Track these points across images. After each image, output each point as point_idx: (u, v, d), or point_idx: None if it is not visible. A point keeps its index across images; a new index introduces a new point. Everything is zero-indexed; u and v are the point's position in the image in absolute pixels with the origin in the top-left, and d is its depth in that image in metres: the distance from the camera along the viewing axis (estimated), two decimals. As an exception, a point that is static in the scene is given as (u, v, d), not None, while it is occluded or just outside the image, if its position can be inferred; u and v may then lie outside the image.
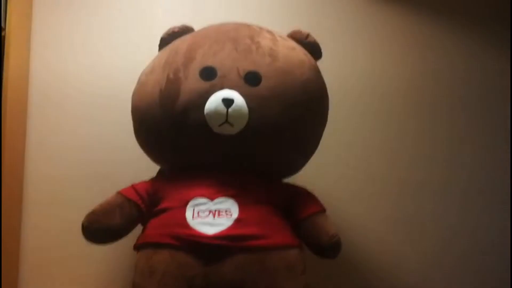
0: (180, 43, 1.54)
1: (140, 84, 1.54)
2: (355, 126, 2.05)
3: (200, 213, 1.35)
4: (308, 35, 1.62)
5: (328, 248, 1.40)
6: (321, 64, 1.62)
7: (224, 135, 1.40)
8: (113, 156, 1.91)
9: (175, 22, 1.64)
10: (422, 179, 2.05)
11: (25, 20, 1.88)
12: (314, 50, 1.62)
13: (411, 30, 2.12)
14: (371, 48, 2.10)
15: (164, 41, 1.61)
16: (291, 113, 1.44)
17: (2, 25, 1.68)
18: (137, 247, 1.41)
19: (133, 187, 1.48)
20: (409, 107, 2.08)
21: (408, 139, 2.07)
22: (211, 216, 1.34)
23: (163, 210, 1.41)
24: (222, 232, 1.31)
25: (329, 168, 1.98)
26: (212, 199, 1.38)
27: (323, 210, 1.49)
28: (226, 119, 1.38)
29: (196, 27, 1.63)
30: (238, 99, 1.39)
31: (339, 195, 1.97)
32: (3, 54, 1.68)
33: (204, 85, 1.42)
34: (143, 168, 1.60)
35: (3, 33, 1.68)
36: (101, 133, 1.93)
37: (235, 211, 1.36)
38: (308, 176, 1.67)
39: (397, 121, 2.07)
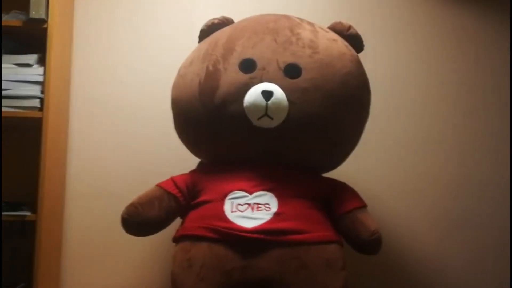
0: (220, 35, 1.53)
1: (180, 76, 1.54)
2: (398, 123, 2.00)
3: (238, 207, 1.34)
4: (349, 27, 1.58)
5: (368, 244, 1.37)
6: (363, 57, 1.58)
7: (263, 128, 1.39)
8: (152, 149, 1.92)
9: (215, 14, 1.63)
10: (461, 175, 2.00)
11: (67, 12, 1.90)
12: (355, 42, 1.58)
13: (454, 25, 2.06)
14: (416, 41, 2.05)
15: (204, 33, 1.60)
16: (331, 106, 1.42)
17: (45, 17, 1.70)
18: (176, 239, 1.41)
19: (172, 179, 1.48)
20: (454, 103, 2.03)
21: (447, 136, 2.01)
22: (249, 209, 1.33)
23: (202, 203, 1.40)
24: (260, 226, 1.30)
25: (371, 164, 1.95)
26: (251, 192, 1.37)
27: (364, 206, 1.46)
28: (266, 112, 1.37)
29: (236, 18, 1.61)
30: (278, 91, 1.37)
31: (381, 191, 1.94)
32: (46, 47, 1.70)
33: (243, 77, 1.41)
34: (182, 161, 1.61)
35: (45, 26, 1.70)
36: (141, 127, 1.94)
37: (274, 205, 1.34)
38: (350, 172, 1.65)
39: (441, 118, 2.02)
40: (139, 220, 1.41)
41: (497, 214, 1.99)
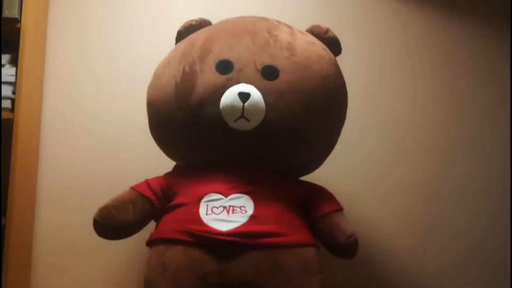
0: (197, 36, 1.51)
1: (156, 77, 1.52)
2: (374, 127, 2.01)
3: (214, 209, 1.32)
4: (327, 30, 1.58)
5: (345, 247, 1.36)
6: (341, 60, 1.58)
7: (240, 130, 1.37)
8: (126, 152, 1.90)
9: (193, 15, 1.62)
10: (438, 180, 2.01)
11: (41, 12, 1.87)
12: (333, 45, 1.58)
13: (433, 32, 2.09)
14: (395, 45, 2.06)
15: (181, 34, 1.58)
16: (309, 109, 1.41)
17: (18, 17, 1.67)
18: (150, 243, 1.38)
19: (146, 182, 1.45)
20: (434, 107, 2.05)
21: (424, 140, 2.03)
22: (225, 212, 1.31)
23: (177, 206, 1.38)
24: (236, 229, 1.28)
25: (347, 168, 1.95)
26: (226, 195, 1.35)
27: (340, 209, 1.45)
28: (242, 114, 1.35)
29: (214, 20, 1.60)
30: (255, 93, 1.36)
31: (357, 195, 1.94)
32: (19, 47, 1.67)
33: (220, 78, 1.39)
34: (157, 164, 1.58)
35: (18, 25, 1.67)
36: (115, 129, 1.91)
37: (250, 208, 1.32)
38: (326, 176, 1.64)
39: (415, 123, 2.04)
40: (112, 223, 1.37)
41: (472, 218, 2.01)
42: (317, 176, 1.59)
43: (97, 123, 1.91)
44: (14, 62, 1.71)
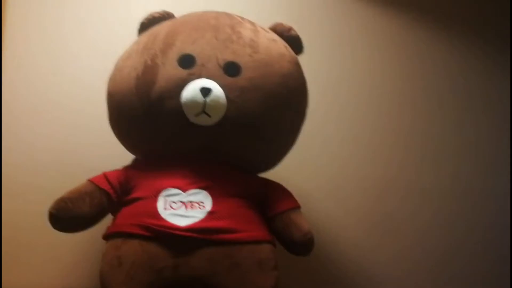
0: (160, 29, 1.50)
1: (117, 69, 1.50)
2: (333, 124, 2.04)
3: (172, 204, 1.32)
4: (290, 29, 1.60)
5: (301, 245, 1.38)
6: (302, 59, 1.60)
7: (200, 125, 1.37)
8: (85, 144, 1.87)
9: (155, 8, 1.60)
10: (398, 178, 2.06)
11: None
12: (295, 44, 1.60)
13: (398, 30, 2.14)
14: (354, 46, 2.10)
15: (143, 26, 1.57)
16: (270, 106, 1.42)
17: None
18: (107, 236, 1.37)
19: (104, 175, 1.44)
20: (388, 106, 2.09)
21: (385, 138, 2.07)
22: (183, 207, 1.31)
23: (134, 200, 1.36)
24: (194, 224, 1.28)
25: (305, 165, 1.97)
26: (185, 190, 1.34)
27: (297, 207, 1.46)
28: (203, 109, 1.35)
29: (177, 14, 1.59)
30: (217, 89, 1.36)
31: (314, 192, 1.96)
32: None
33: (181, 73, 1.38)
34: (116, 157, 1.56)
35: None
36: (74, 121, 1.87)
37: (208, 204, 1.32)
38: (284, 173, 1.65)
39: (375, 120, 2.08)
40: (68, 216, 1.34)
41: (434, 217, 2.07)
42: (276, 173, 1.60)
43: (57, 114, 1.87)
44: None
